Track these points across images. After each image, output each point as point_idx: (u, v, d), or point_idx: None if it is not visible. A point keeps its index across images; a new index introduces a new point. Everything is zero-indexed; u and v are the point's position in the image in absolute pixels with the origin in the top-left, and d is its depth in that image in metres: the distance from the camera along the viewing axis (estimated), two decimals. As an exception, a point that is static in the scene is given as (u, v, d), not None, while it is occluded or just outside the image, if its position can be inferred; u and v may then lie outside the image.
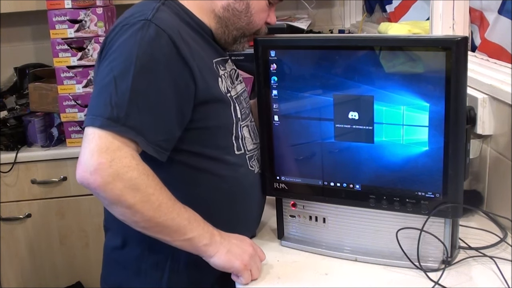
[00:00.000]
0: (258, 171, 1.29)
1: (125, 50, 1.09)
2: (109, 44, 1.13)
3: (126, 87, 1.06)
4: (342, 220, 1.23)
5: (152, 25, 1.10)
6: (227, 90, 1.22)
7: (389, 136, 1.12)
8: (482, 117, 1.33)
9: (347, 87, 1.15)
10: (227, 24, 1.24)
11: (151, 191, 1.06)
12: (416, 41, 1.11)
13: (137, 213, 1.06)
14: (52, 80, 2.35)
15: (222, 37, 1.26)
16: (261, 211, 1.36)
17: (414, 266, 1.14)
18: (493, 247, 1.21)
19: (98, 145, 1.04)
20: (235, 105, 1.23)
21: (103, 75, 1.10)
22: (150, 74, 1.08)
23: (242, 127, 1.26)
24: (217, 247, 1.13)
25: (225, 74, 1.24)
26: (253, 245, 1.18)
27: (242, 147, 1.25)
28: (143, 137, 1.07)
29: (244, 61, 2.51)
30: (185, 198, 1.13)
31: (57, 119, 2.39)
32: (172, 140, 1.14)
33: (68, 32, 2.24)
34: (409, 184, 1.13)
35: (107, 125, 1.05)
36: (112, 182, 1.03)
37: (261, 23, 1.28)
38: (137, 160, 1.06)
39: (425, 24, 1.90)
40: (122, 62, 1.08)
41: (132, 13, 1.16)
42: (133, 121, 1.06)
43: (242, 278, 1.13)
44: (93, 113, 1.07)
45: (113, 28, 1.15)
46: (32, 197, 2.35)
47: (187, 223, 1.10)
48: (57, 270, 2.42)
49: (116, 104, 1.06)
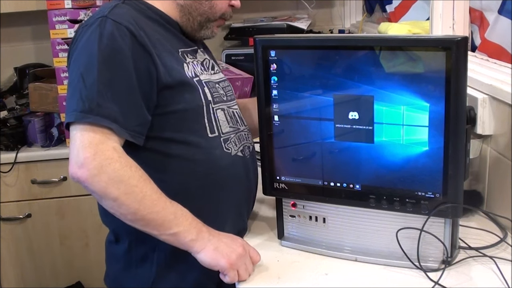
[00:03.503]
0: (237, 153, 1.30)
1: (87, 48, 1.16)
2: (73, 48, 1.21)
3: (93, 80, 1.13)
4: (342, 220, 1.23)
5: (109, 20, 1.17)
6: (194, 74, 1.26)
7: (389, 136, 1.12)
8: (482, 117, 1.33)
9: (347, 87, 1.15)
10: (189, 11, 1.30)
11: (134, 182, 1.10)
12: (416, 41, 1.11)
13: (122, 205, 1.10)
14: (52, 80, 2.35)
15: (188, 24, 1.31)
16: (248, 197, 1.36)
17: (414, 266, 1.14)
18: (493, 247, 1.21)
19: (81, 141, 1.10)
20: (203, 88, 1.26)
21: (72, 76, 1.18)
22: (113, 65, 1.15)
23: (216, 110, 1.28)
24: (204, 244, 1.14)
25: (194, 62, 1.29)
26: (245, 246, 1.17)
27: (216, 129, 1.27)
28: (117, 124, 1.12)
29: (244, 61, 2.52)
30: (162, 186, 1.15)
31: (57, 119, 2.40)
32: (145, 124, 1.19)
33: (68, 32, 2.24)
34: (409, 184, 1.13)
35: (82, 117, 1.11)
36: (97, 174, 1.08)
37: (224, 7, 1.33)
38: (119, 152, 1.11)
39: (425, 24, 1.90)
40: (86, 60, 1.15)
41: (91, 16, 1.24)
42: (105, 110, 1.12)
43: (228, 277, 1.14)
44: (68, 111, 1.14)
45: (76, 32, 1.24)
46: (32, 197, 2.35)
47: (173, 217, 1.12)
48: (57, 270, 2.42)
49: (87, 97, 1.12)
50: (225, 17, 1.35)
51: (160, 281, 1.28)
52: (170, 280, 1.28)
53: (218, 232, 1.17)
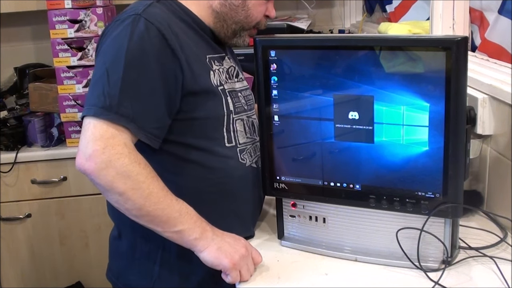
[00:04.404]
0: (251, 165, 1.30)
1: (116, 44, 1.15)
2: (103, 40, 1.20)
3: (117, 77, 1.12)
4: (342, 220, 1.23)
5: (142, 18, 1.15)
6: (219, 83, 1.26)
7: (389, 136, 1.12)
8: (482, 117, 1.33)
9: (347, 87, 1.15)
10: (225, 18, 1.28)
11: (142, 179, 1.10)
12: (416, 41, 1.11)
13: (128, 200, 1.10)
14: (52, 80, 2.35)
15: (221, 31, 1.30)
16: (257, 208, 1.37)
17: (414, 266, 1.14)
18: (493, 247, 1.21)
19: (93, 133, 1.10)
20: (227, 98, 1.26)
21: (97, 68, 1.17)
22: (140, 65, 1.14)
23: (235, 120, 1.28)
24: (208, 243, 1.14)
25: (220, 69, 1.27)
26: (248, 247, 1.18)
27: (234, 139, 1.27)
28: (135, 124, 1.12)
29: (244, 61, 2.51)
30: (174, 189, 1.15)
31: (57, 119, 2.39)
32: (164, 127, 1.18)
33: (68, 32, 2.24)
34: (409, 184, 1.13)
35: (100, 114, 1.10)
36: (105, 168, 1.07)
37: (259, 16, 1.31)
38: (130, 148, 1.11)
39: (425, 24, 1.90)
40: (114, 55, 1.14)
41: (125, 11, 1.22)
42: (125, 109, 1.11)
43: (230, 277, 1.14)
44: (88, 104, 1.13)
45: (108, 25, 1.23)
46: (32, 197, 2.35)
47: (178, 215, 1.13)
48: (57, 270, 2.42)
49: (109, 94, 1.12)
50: (259, 27, 1.33)
51: (163, 280, 1.28)
52: (173, 280, 1.28)
53: (222, 232, 1.17)
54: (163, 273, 1.27)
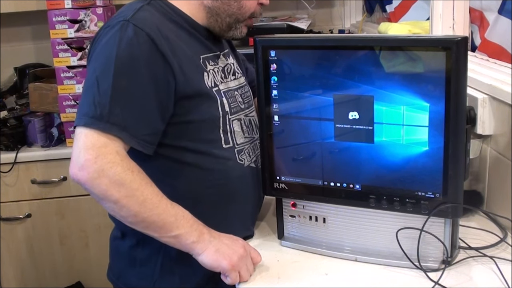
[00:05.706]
0: (249, 165, 1.30)
1: (106, 51, 1.14)
2: (93, 47, 1.20)
3: (107, 86, 1.11)
4: (342, 220, 1.23)
5: (130, 24, 1.14)
6: (214, 84, 1.25)
7: (389, 136, 1.12)
8: (482, 117, 1.33)
9: (347, 87, 1.15)
10: (218, 13, 1.27)
11: (136, 186, 1.09)
12: (416, 41, 1.11)
13: (123, 208, 1.09)
14: (52, 80, 2.35)
15: (216, 26, 1.28)
16: (256, 208, 1.37)
17: (414, 266, 1.14)
18: (493, 247, 1.21)
19: (84, 142, 1.09)
20: (222, 99, 1.25)
21: (88, 77, 1.17)
22: (130, 72, 1.13)
23: (232, 121, 1.27)
24: (206, 245, 1.13)
25: (214, 69, 1.27)
26: (246, 247, 1.17)
27: (231, 140, 1.27)
28: (127, 133, 1.11)
29: (244, 61, 2.52)
30: (173, 192, 1.15)
31: (57, 119, 2.40)
32: (157, 133, 1.17)
33: (68, 32, 2.24)
34: (409, 184, 1.13)
35: (91, 123, 1.10)
36: (98, 178, 1.07)
37: (253, 6, 1.30)
38: (122, 156, 1.10)
39: (425, 24, 1.90)
40: (104, 63, 1.14)
41: (115, 16, 1.21)
42: (116, 118, 1.10)
43: (229, 278, 1.14)
44: (79, 113, 1.13)
45: (97, 32, 1.22)
46: (32, 197, 2.35)
47: (174, 219, 1.12)
48: (57, 270, 2.42)
49: (99, 103, 1.11)
50: (254, 16, 1.32)
51: (163, 281, 1.28)
52: (173, 281, 1.27)
53: (219, 234, 1.17)
54: (163, 273, 1.27)
